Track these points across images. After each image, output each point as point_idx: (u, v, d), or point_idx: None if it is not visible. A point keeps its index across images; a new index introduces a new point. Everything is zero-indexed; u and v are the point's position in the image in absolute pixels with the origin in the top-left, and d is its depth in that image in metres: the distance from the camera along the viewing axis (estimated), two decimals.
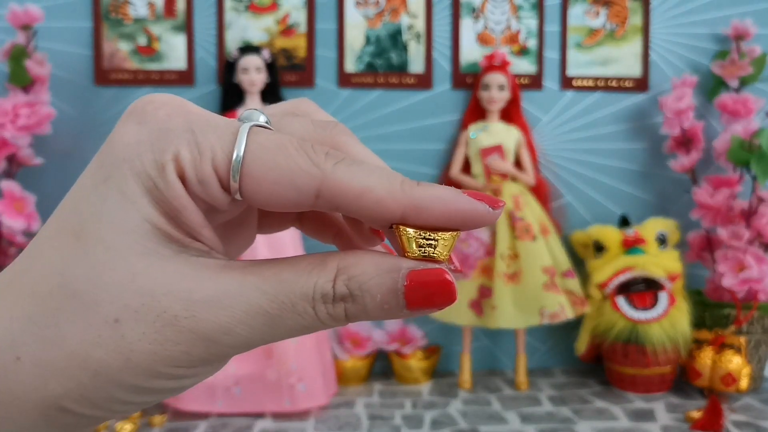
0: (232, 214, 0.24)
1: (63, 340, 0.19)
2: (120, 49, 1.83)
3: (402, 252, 0.21)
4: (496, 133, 1.80)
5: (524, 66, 1.92)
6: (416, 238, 0.21)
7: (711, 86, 1.89)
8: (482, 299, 1.72)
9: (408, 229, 0.21)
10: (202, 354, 0.20)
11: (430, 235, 0.21)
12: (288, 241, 1.59)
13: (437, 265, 0.21)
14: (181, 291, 0.20)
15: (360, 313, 0.21)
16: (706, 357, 1.64)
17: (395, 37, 1.89)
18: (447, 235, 0.21)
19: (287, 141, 0.21)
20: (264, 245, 1.55)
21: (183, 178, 0.20)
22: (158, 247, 0.20)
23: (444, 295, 0.21)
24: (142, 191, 0.20)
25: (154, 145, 0.20)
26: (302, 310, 0.20)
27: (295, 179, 0.20)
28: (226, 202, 0.21)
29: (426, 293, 0.20)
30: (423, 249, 0.21)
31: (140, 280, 0.20)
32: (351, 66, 1.88)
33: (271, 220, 0.27)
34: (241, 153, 0.20)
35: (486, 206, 0.21)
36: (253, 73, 1.70)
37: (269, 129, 0.22)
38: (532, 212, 1.75)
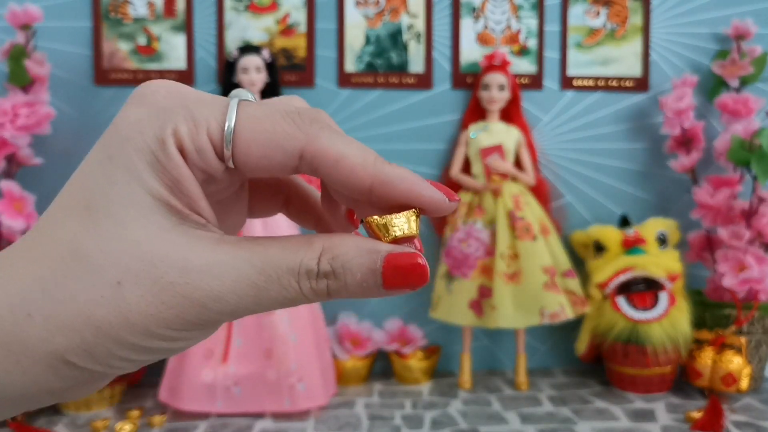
0: (225, 192, 0.26)
1: (70, 300, 0.21)
2: (120, 49, 1.83)
3: (377, 239, 0.24)
4: (496, 133, 1.79)
5: (524, 66, 1.92)
6: (387, 223, 0.23)
7: (711, 86, 1.89)
8: (482, 299, 1.71)
9: (376, 218, 0.23)
10: (193, 318, 0.22)
11: (397, 217, 0.23)
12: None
13: (412, 250, 0.23)
14: (178, 260, 0.22)
15: (341, 290, 0.23)
16: (706, 357, 1.63)
17: (395, 36, 1.89)
18: (410, 211, 0.23)
19: (274, 110, 0.23)
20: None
21: (182, 151, 0.22)
22: (160, 218, 0.22)
23: (417, 276, 0.23)
24: (145, 165, 0.22)
25: (154, 122, 0.23)
26: (287, 283, 0.22)
27: (281, 142, 0.22)
28: (221, 170, 0.23)
29: (401, 274, 0.23)
30: (395, 229, 0.23)
31: (142, 248, 0.22)
32: (351, 66, 1.88)
33: (260, 203, 0.29)
34: (233, 123, 0.22)
35: (444, 196, 0.23)
36: (253, 73, 1.69)
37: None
38: (533, 212, 1.75)
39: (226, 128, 0.22)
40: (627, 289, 1.70)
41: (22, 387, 0.22)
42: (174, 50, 1.84)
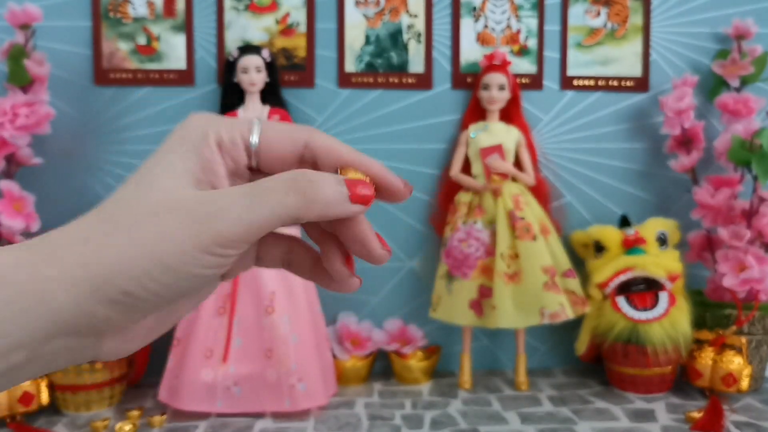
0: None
1: (117, 229, 0.29)
2: (119, 49, 1.82)
3: None
4: (496, 133, 1.79)
5: (524, 66, 1.92)
6: (353, 173, 0.33)
7: (712, 86, 1.89)
8: (482, 299, 1.71)
9: (349, 168, 0.34)
10: (211, 234, 0.29)
11: (362, 176, 0.33)
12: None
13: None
14: (198, 197, 0.30)
15: (318, 192, 0.30)
16: (706, 357, 1.63)
17: (395, 36, 1.89)
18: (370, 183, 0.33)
19: (285, 123, 0.35)
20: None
21: (219, 144, 0.33)
22: (188, 184, 0.31)
23: (368, 194, 0.32)
24: (186, 150, 0.32)
25: (200, 126, 0.33)
26: (273, 189, 0.30)
27: (292, 134, 0.34)
28: (244, 164, 0.34)
29: (359, 190, 0.31)
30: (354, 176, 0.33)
31: (174, 194, 0.30)
32: (351, 66, 1.88)
33: (265, 255, 0.38)
34: (259, 128, 0.34)
35: (402, 183, 0.34)
36: (253, 73, 1.69)
37: None
38: (533, 212, 1.75)
39: (254, 129, 0.34)
40: (627, 289, 1.70)
41: (73, 308, 0.27)
42: (174, 50, 1.84)
